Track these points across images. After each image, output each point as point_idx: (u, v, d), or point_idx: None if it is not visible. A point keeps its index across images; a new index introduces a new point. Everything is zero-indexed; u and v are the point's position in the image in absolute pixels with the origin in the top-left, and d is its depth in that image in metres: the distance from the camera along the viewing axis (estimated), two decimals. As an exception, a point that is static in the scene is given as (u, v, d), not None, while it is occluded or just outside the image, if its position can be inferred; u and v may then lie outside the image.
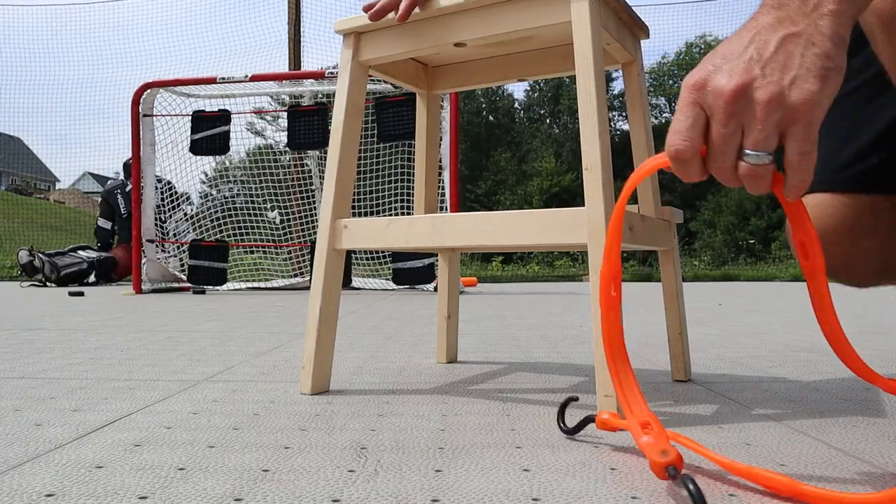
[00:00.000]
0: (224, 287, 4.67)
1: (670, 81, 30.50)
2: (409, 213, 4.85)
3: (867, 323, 2.14)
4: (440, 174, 4.47)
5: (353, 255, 5.28)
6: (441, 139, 4.08)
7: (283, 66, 8.19)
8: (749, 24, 0.55)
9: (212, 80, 4.48)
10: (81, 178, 33.51)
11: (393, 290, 4.76)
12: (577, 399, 0.75)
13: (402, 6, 0.89)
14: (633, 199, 1.08)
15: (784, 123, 0.51)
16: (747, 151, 0.52)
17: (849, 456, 0.65)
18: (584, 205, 0.78)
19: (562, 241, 0.81)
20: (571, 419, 0.79)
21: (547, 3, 0.81)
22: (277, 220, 5.90)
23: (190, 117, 4.61)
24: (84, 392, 0.96)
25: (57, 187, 30.63)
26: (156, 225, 4.79)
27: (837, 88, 0.51)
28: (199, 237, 5.17)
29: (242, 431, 0.74)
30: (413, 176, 2.46)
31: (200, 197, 6.19)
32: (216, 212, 5.65)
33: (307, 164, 5.57)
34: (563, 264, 12.88)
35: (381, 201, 5.33)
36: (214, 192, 6.72)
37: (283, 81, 5.03)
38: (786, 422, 0.80)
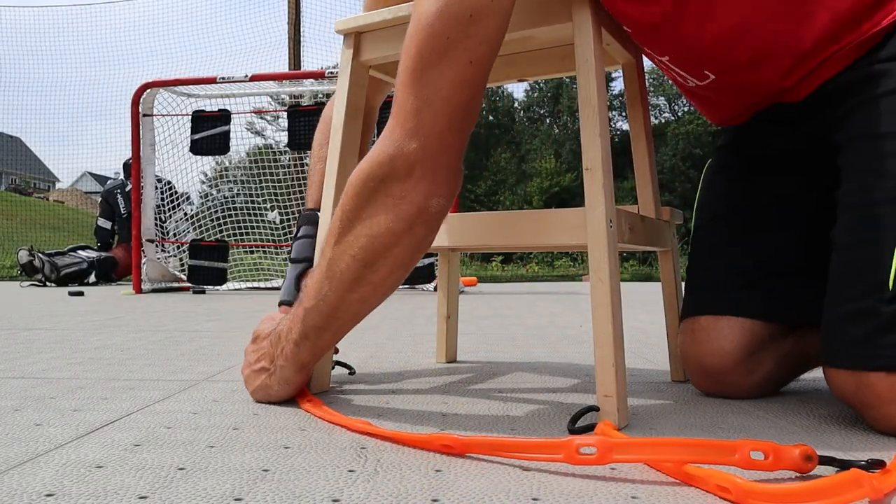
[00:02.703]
0: (224, 287, 4.67)
1: (669, 81, 30.43)
2: (409, 213, 4.84)
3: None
4: (440, 174, 4.47)
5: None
6: (441, 139, 4.07)
7: (283, 66, 8.20)
8: (270, 332, 0.88)
9: (212, 80, 4.47)
10: (81, 177, 33.50)
11: (393, 290, 4.76)
12: (597, 409, 0.75)
13: None
14: (633, 199, 1.08)
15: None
16: None
17: (849, 455, 0.65)
18: (584, 205, 0.77)
19: (562, 242, 0.81)
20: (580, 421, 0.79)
21: (548, 3, 0.81)
22: (277, 221, 5.89)
23: (190, 117, 4.61)
24: (84, 392, 0.96)
25: (57, 187, 30.61)
26: (156, 225, 4.79)
27: (280, 400, 0.88)
28: (199, 237, 5.17)
29: (242, 431, 0.74)
30: (413, 176, 2.46)
31: (200, 197, 6.20)
32: (216, 212, 5.65)
33: (307, 164, 5.57)
34: (562, 264, 12.88)
35: (381, 201, 5.31)
36: (214, 192, 6.73)
37: (283, 81, 5.03)
38: (786, 422, 0.80)
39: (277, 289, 4.85)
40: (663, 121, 28.94)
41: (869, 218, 0.74)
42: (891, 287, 0.70)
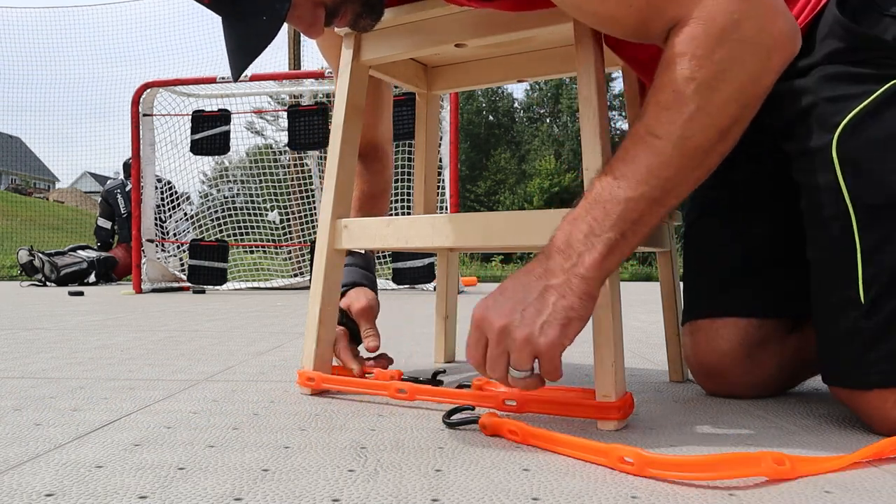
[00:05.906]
0: (224, 287, 4.67)
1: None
2: (409, 213, 4.84)
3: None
4: (440, 174, 4.47)
5: (352, 255, 5.26)
6: (441, 139, 4.07)
7: (283, 66, 8.18)
8: (527, 268, 0.69)
9: (212, 80, 4.47)
10: (81, 177, 33.49)
11: (393, 289, 4.76)
12: (472, 409, 0.78)
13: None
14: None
15: (534, 355, 0.66)
16: (511, 368, 0.68)
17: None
18: (583, 205, 0.77)
19: (562, 242, 0.80)
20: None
21: (548, 5, 0.81)
22: (277, 221, 5.89)
23: (190, 117, 4.60)
24: (84, 392, 0.97)
25: (57, 187, 30.59)
26: (156, 225, 4.79)
27: (579, 330, 0.67)
28: (199, 237, 5.17)
29: (242, 431, 0.74)
30: (413, 176, 2.47)
31: (200, 197, 6.20)
32: (216, 212, 5.65)
33: (307, 164, 5.57)
34: (562, 264, 12.86)
35: (381, 201, 5.31)
36: (214, 192, 6.72)
37: (283, 81, 5.03)
38: (785, 421, 0.80)
39: (277, 289, 4.85)
40: (663, 121, 28.85)
41: (827, 234, 0.75)
42: (863, 300, 0.71)
